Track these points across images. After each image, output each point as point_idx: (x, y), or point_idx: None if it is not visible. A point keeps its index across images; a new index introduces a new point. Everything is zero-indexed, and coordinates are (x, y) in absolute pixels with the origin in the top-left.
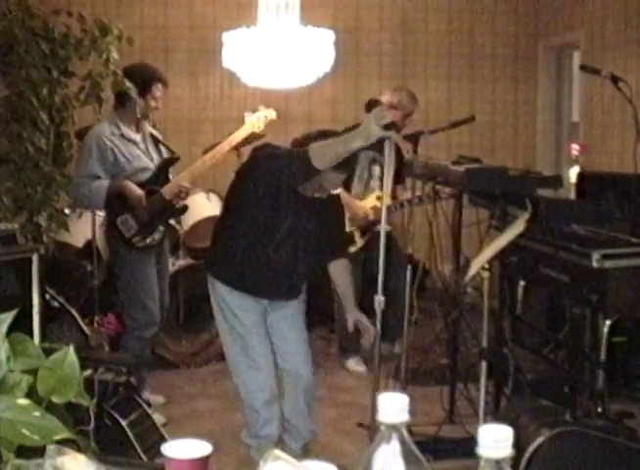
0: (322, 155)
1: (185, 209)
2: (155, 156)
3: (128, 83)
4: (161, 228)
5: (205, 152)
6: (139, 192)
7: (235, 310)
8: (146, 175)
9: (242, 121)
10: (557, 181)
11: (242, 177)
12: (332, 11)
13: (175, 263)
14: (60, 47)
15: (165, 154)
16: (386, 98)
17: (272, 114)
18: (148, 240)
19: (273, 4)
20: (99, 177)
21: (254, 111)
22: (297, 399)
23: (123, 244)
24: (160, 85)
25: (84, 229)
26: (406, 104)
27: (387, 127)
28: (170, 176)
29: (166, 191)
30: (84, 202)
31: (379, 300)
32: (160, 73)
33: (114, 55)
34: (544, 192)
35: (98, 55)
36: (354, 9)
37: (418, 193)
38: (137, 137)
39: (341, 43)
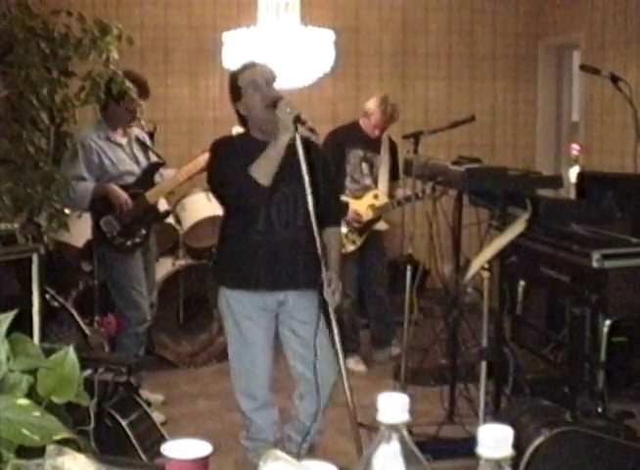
0: (261, 171)
1: (168, 214)
2: (142, 159)
3: (128, 84)
4: (143, 232)
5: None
6: (123, 195)
7: (241, 318)
8: (131, 178)
9: None
10: (557, 181)
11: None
12: (332, 11)
13: (175, 263)
14: (60, 47)
15: (153, 158)
16: (368, 102)
17: None
18: (129, 242)
19: (273, 4)
20: (84, 179)
21: None
22: (318, 402)
23: (106, 245)
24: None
25: (84, 229)
26: (375, 118)
27: (296, 118)
28: (162, 178)
29: (150, 195)
30: (69, 203)
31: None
32: (139, 82)
33: (114, 55)
34: (544, 192)
35: (98, 55)
36: (354, 9)
37: (417, 190)
38: (123, 141)
39: (341, 43)
